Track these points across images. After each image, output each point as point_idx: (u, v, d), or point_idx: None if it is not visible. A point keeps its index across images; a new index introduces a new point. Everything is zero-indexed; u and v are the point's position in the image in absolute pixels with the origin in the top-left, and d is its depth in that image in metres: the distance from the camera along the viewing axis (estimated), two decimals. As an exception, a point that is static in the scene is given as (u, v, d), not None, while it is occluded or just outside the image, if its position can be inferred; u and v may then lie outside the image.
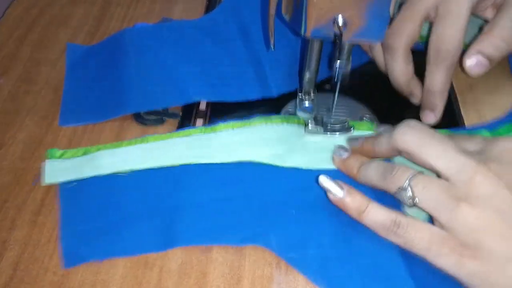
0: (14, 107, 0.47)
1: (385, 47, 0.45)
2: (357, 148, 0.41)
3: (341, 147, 0.41)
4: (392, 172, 0.35)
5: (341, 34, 0.36)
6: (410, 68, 0.45)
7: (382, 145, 0.38)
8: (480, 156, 0.33)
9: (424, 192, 0.33)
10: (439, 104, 0.44)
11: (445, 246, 0.32)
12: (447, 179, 0.33)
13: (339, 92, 0.43)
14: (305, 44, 0.40)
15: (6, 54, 0.52)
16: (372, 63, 0.51)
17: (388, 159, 0.39)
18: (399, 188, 0.34)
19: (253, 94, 0.48)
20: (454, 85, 0.49)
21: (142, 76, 0.48)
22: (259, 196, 0.39)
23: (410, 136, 0.35)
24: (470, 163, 0.32)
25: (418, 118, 0.45)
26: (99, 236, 0.37)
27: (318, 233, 0.37)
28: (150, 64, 0.49)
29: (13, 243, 0.37)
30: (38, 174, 0.42)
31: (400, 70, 0.44)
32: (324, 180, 0.36)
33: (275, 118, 0.44)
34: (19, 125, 0.46)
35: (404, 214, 0.35)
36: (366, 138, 0.40)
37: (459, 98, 0.48)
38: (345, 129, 0.43)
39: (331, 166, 0.41)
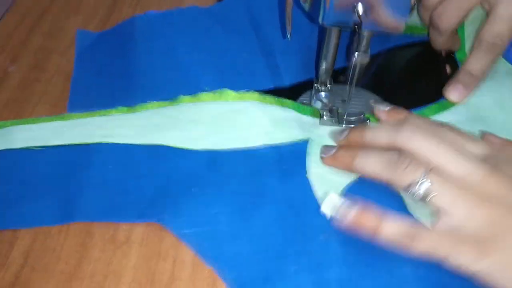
0: (25, 96, 0.47)
1: (432, 24, 0.46)
2: (343, 141, 0.40)
3: (326, 146, 0.40)
4: (403, 165, 0.34)
5: (360, 23, 0.35)
6: (451, 40, 0.47)
7: (381, 139, 0.37)
8: (490, 161, 0.34)
9: (443, 187, 0.33)
10: (472, 86, 0.44)
11: (464, 244, 0.32)
12: None
13: (355, 84, 0.42)
14: (323, 33, 0.39)
15: (17, 43, 0.52)
16: (388, 54, 0.50)
17: None
18: (412, 181, 0.33)
19: (264, 83, 0.47)
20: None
21: (151, 64, 0.48)
22: (165, 175, 0.39)
23: (419, 137, 0.35)
24: (482, 167, 0.33)
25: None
26: (1, 208, 0.38)
27: (216, 211, 0.37)
28: (160, 51, 0.49)
29: (24, 232, 0.37)
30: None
31: (442, 43, 0.48)
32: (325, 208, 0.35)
33: (202, 95, 0.44)
34: (29, 113, 0.45)
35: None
36: (352, 129, 0.40)
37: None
38: (361, 121, 0.42)
39: (244, 145, 0.40)
